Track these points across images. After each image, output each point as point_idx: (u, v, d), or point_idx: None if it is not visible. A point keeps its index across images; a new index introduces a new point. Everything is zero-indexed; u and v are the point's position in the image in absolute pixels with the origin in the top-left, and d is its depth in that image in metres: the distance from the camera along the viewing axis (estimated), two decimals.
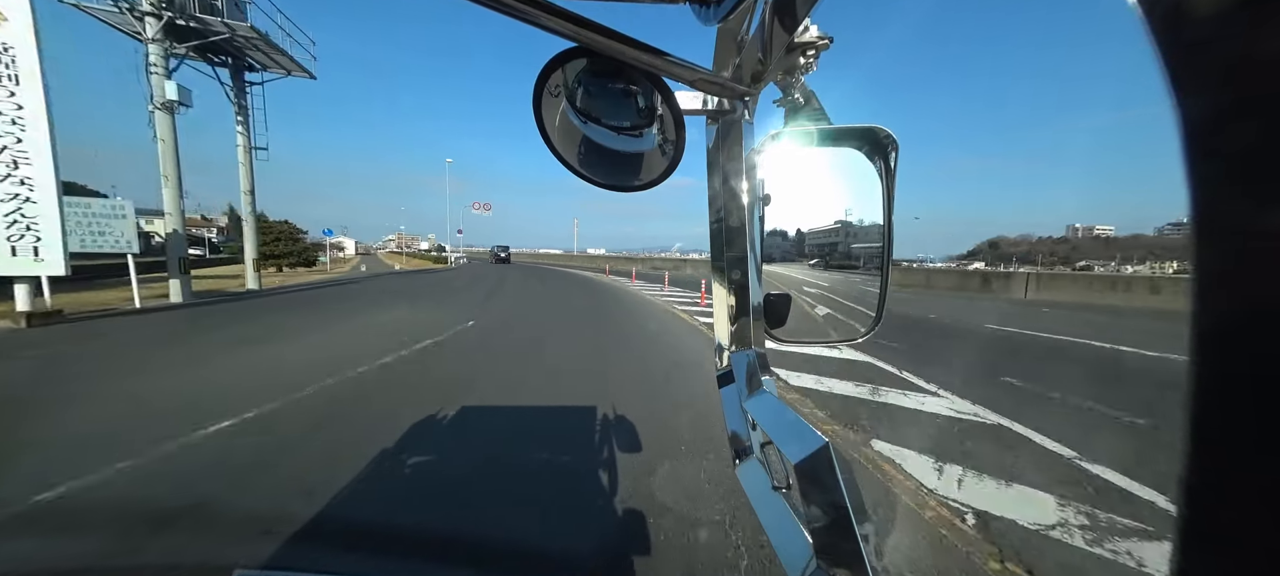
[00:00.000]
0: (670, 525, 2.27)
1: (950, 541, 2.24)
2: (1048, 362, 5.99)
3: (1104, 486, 2.77)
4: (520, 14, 0.40)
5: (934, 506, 2.53)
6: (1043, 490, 2.71)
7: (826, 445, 0.45)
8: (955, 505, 2.55)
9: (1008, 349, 6.95)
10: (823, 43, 0.54)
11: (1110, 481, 2.82)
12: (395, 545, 2.14)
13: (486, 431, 3.49)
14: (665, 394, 4.44)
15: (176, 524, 2.24)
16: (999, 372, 5.28)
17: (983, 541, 2.24)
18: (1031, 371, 5.42)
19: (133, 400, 3.99)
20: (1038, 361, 6.04)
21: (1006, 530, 2.33)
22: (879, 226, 0.63)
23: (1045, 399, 4.39)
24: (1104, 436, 3.49)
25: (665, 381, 4.90)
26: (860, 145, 0.61)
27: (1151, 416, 3.88)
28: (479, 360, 5.64)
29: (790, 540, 0.50)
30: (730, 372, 0.69)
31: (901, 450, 3.25)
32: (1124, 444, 3.35)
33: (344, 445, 3.09)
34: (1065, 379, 5.04)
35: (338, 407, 3.86)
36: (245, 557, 2.08)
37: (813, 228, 0.68)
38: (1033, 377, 5.09)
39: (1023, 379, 5.04)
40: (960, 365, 5.66)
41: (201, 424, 3.38)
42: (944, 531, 2.31)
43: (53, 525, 2.27)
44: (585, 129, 0.56)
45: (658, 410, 3.93)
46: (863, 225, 0.65)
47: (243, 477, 2.71)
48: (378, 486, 2.63)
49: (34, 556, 1.97)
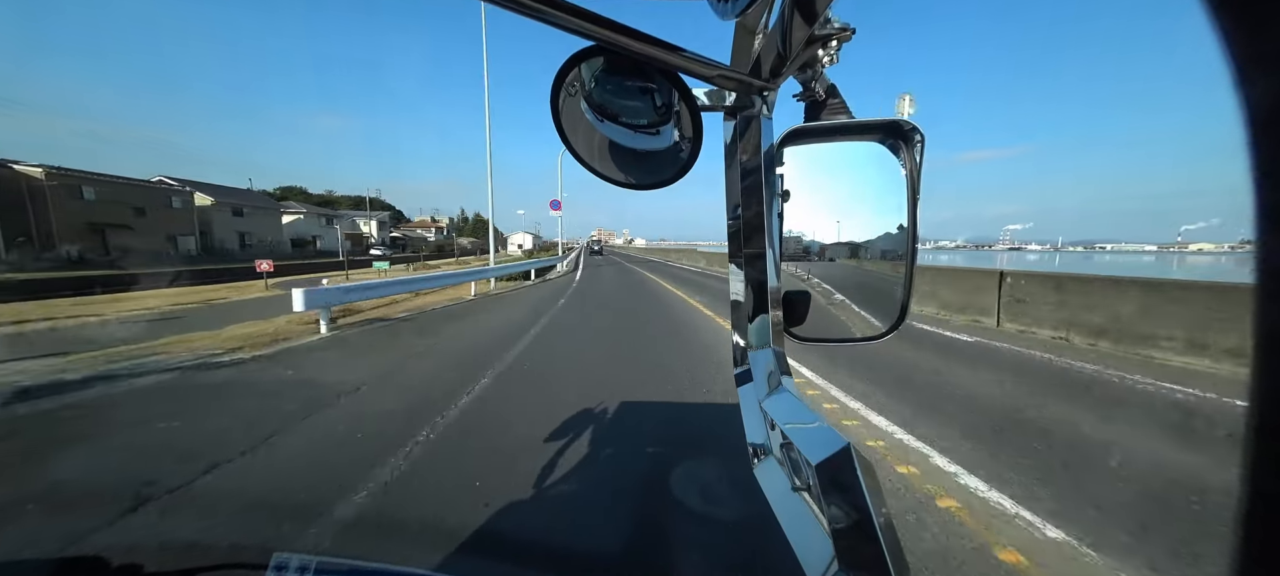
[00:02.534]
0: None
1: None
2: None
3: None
4: (537, 13, 0.40)
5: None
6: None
7: (848, 446, 0.44)
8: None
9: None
10: (845, 34, 0.53)
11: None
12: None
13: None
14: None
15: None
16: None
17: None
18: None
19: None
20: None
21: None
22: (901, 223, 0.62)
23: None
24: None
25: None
26: (884, 139, 0.60)
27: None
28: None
29: (810, 542, 0.49)
30: (748, 371, 0.68)
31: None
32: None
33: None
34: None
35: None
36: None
37: (834, 223, 0.67)
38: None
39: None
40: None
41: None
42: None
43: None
44: (603, 128, 0.56)
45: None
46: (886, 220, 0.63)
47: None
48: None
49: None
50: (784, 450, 0.58)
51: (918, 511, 2.47)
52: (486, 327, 8.17)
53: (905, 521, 2.38)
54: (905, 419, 3.74)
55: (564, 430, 3.42)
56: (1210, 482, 2.66)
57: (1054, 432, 3.48)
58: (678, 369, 5.18)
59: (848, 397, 4.26)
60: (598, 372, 5.12)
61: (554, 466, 2.84)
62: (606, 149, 0.58)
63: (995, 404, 4.15)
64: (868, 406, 4.04)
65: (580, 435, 3.34)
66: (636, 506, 2.50)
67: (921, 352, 6.01)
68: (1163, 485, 2.69)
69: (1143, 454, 3.18)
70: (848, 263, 0.68)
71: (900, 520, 2.40)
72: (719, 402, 4.07)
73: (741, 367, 0.70)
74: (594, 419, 3.66)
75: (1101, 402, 4.21)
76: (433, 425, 3.56)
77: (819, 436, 0.47)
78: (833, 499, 0.44)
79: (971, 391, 4.50)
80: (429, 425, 3.56)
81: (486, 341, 6.86)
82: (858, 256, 0.67)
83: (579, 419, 3.66)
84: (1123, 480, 2.84)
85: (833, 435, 0.46)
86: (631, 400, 4.10)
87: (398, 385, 4.70)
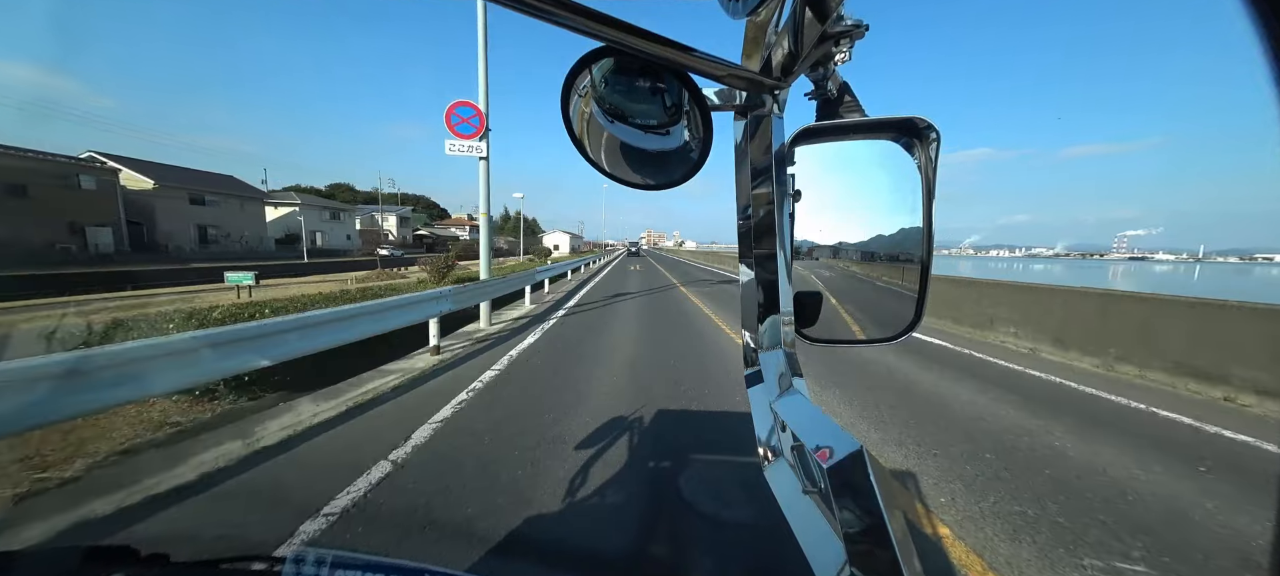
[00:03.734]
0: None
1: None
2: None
3: None
4: (545, 14, 0.40)
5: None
6: None
7: (861, 449, 0.43)
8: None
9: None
10: (858, 31, 0.52)
11: None
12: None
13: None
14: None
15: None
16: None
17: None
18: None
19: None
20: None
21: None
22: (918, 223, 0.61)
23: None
24: None
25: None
26: (898, 137, 0.59)
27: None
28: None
29: (822, 545, 0.49)
30: (759, 373, 0.68)
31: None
32: None
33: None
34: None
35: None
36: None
37: (846, 223, 0.66)
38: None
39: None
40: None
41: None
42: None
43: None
44: (613, 128, 0.56)
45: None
46: (900, 220, 0.62)
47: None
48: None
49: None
50: (795, 453, 0.58)
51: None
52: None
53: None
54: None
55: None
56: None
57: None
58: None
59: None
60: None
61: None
62: (617, 149, 0.58)
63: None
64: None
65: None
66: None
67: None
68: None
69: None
70: (861, 263, 0.67)
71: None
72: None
73: (752, 369, 0.70)
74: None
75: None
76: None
77: (830, 438, 0.47)
78: (845, 501, 0.43)
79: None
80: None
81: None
82: (871, 257, 0.66)
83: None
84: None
85: (844, 437, 0.46)
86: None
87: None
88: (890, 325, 0.67)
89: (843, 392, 4.51)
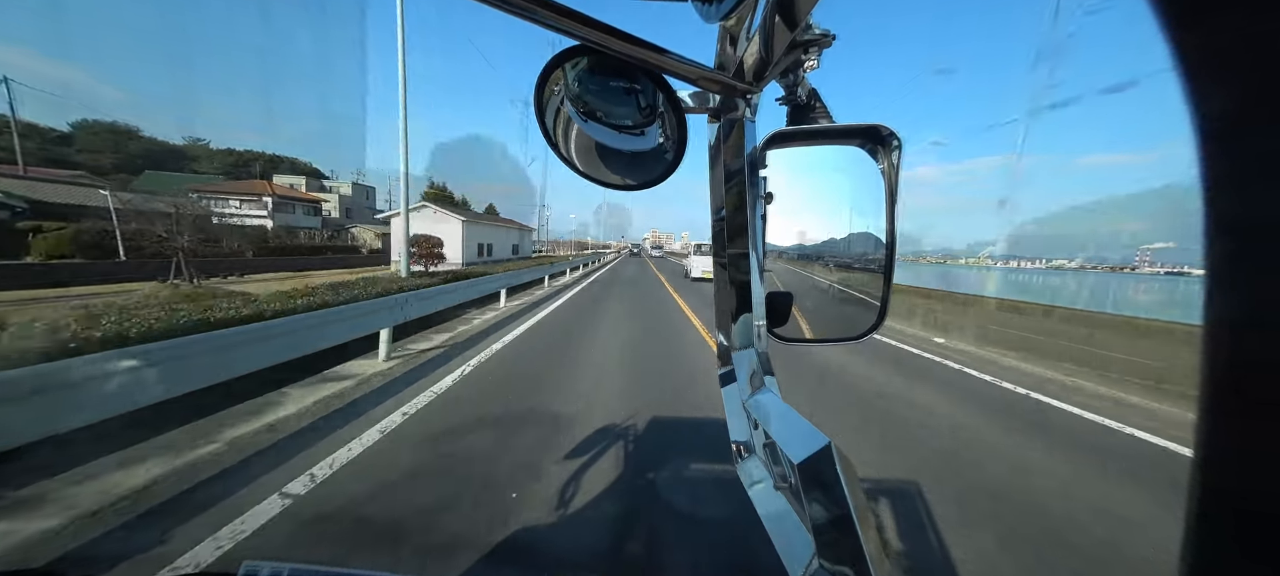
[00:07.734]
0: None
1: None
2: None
3: None
4: (522, 12, 0.40)
5: None
6: None
7: (829, 444, 0.44)
8: None
9: None
10: (826, 40, 0.54)
11: None
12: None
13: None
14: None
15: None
16: None
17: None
18: None
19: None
20: None
21: None
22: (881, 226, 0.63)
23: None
24: None
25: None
26: (863, 143, 0.61)
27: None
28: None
29: (792, 539, 0.50)
30: (732, 372, 0.69)
31: None
32: None
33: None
34: None
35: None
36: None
37: (815, 225, 0.68)
38: None
39: None
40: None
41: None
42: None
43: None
44: (587, 127, 0.56)
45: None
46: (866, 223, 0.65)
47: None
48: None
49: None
50: (766, 449, 0.59)
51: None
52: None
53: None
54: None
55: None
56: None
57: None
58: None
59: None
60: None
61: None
62: (591, 149, 0.58)
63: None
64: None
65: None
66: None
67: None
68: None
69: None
70: (829, 264, 0.69)
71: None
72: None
73: (725, 368, 0.71)
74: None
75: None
76: None
77: (800, 435, 0.48)
78: (814, 495, 0.44)
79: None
80: None
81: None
82: (839, 258, 0.68)
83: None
84: None
85: (814, 433, 0.47)
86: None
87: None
88: (856, 325, 0.69)
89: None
